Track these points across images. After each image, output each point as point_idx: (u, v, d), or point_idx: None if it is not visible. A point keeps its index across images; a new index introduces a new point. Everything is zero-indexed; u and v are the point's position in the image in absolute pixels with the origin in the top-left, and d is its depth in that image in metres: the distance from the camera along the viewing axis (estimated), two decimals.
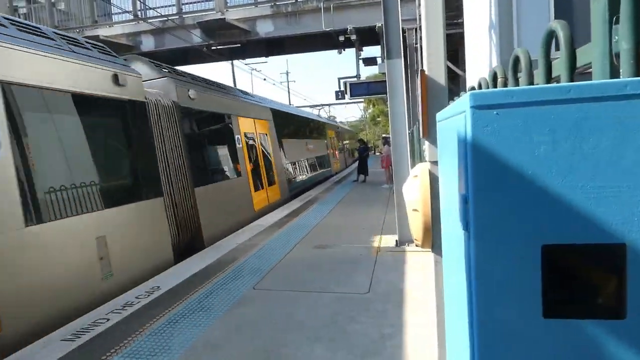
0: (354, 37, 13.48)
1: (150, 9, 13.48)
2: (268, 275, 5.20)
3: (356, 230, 7.60)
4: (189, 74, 9.05)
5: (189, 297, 4.59)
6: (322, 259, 5.83)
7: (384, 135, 28.44)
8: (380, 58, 14.96)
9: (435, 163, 2.18)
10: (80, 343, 3.65)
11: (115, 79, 5.63)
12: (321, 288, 4.66)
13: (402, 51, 6.45)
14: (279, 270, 5.39)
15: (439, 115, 1.26)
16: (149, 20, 13.74)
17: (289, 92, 45.30)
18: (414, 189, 2.25)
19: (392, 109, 6.22)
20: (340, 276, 5.03)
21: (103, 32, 14.41)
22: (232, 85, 22.66)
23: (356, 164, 18.54)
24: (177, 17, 13.72)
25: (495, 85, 1.78)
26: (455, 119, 0.89)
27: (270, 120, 12.51)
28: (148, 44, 14.42)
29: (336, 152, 25.35)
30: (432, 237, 2.23)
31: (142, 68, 7.12)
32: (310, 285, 4.76)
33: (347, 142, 34.69)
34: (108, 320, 4.11)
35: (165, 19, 13.28)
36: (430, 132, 2.24)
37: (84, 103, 5.10)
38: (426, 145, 2.33)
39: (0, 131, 4.02)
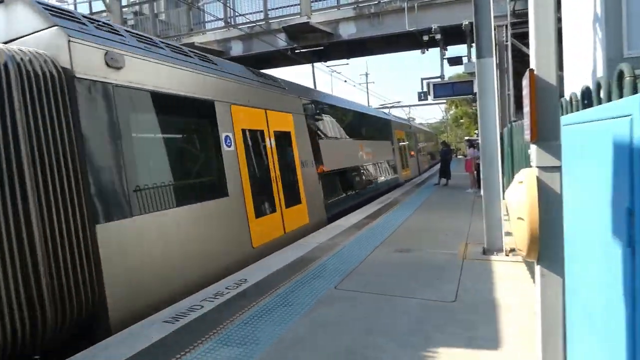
0: (438, 36, 13.08)
1: (240, 15, 14.22)
2: (349, 277, 5.22)
3: (439, 235, 7.36)
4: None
5: (274, 292, 4.76)
6: (403, 263, 5.73)
7: (467, 137, 26.73)
8: (466, 57, 14.35)
9: (545, 169, 2.03)
10: (179, 325, 3.95)
11: None
12: (404, 293, 4.58)
13: (493, 49, 6.13)
14: (359, 272, 5.39)
15: (570, 118, 1.16)
16: (238, 27, 14.51)
17: (367, 93, 45.20)
18: (519, 196, 2.11)
19: (482, 110, 5.93)
20: (423, 282, 4.91)
21: (197, 39, 15.49)
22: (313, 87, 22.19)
23: (434, 169, 17.09)
24: (263, 22, 14.33)
25: (621, 85, 1.61)
26: (607, 123, 0.80)
27: (299, 114, 9.36)
28: (237, 49, 15.24)
29: (407, 157, 21.29)
30: (539, 248, 2.09)
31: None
32: (392, 290, 4.70)
33: (424, 144, 30.98)
34: (202, 307, 4.40)
35: (253, 24, 13.93)
36: (540, 135, 2.09)
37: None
38: (533, 149, 2.18)
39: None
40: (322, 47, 13.79)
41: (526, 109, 2.26)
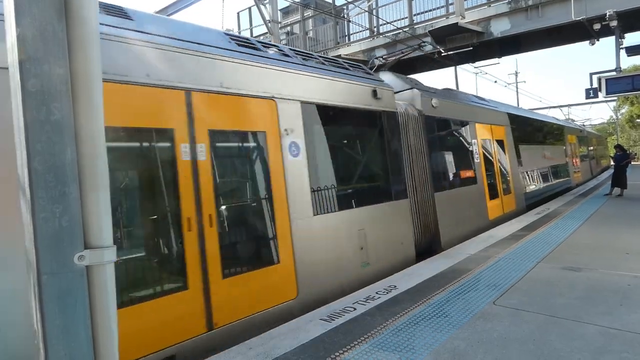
0: (614, 23, 11.26)
1: (386, 22, 14.41)
2: (508, 292, 4.84)
3: (616, 254, 6.32)
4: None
5: (427, 301, 4.68)
6: (574, 283, 5.07)
7: None
8: None
9: None
10: (335, 325, 4.16)
11: (374, 93, 6.64)
12: (577, 317, 4.05)
13: None
14: (520, 289, 4.95)
15: None
16: (383, 35, 14.72)
17: (517, 93, 41.39)
18: None
19: None
20: (601, 307, 4.27)
21: (343, 51, 16.18)
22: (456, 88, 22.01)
23: (604, 175, 15.79)
24: (408, 28, 14.27)
25: None
26: None
27: (507, 126, 12.28)
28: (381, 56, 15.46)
29: (578, 161, 21.93)
30: None
31: (390, 79, 8.28)
32: (562, 312, 4.20)
33: (593, 148, 29.17)
34: (355, 309, 4.56)
35: (398, 31, 13.97)
36: None
37: (352, 115, 6.30)
38: None
39: (300, 139, 5.29)
40: (471, 48, 13.09)
41: None
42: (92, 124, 1.34)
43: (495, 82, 27.12)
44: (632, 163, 15.84)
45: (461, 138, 9.45)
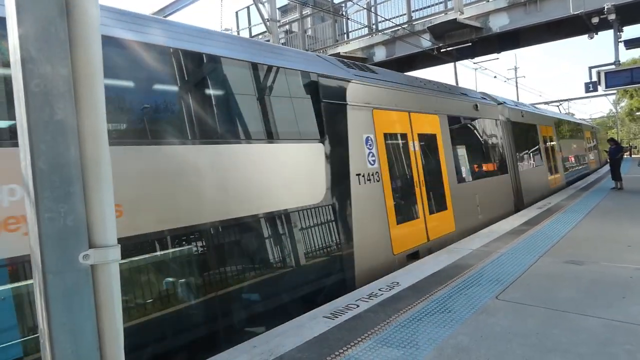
0: (612, 16, 11.26)
1: (384, 19, 14.39)
2: (511, 287, 4.84)
3: (618, 246, 6.33)
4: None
5: (430, 297, 4.68)
6: (576, 276, 5.08)
7: None
8: None
9: None
10: (339, 322, 4.16)
11: (489, 108, 11.14)
12: (580, 310, 4.06)
13: None
14: (523, 283, 4.96)
15: None
16: (382, 32, 14.71)
17: (517, 88, 41.39)
18: None
19: None
20: (604, 299, 4.28)
21: (342, 49, 16.17)
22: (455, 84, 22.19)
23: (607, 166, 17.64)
24: (407, 24, 14.25)
25: None
26: None
27: (553, 126, 16.90)
28: (380, 54, 15.45)
29: (592, 150, 27.62)
30: None
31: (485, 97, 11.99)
32: (565, 305, 4.21)
33: (600, 140, 33.77)
34: (358, 306, 4.57)
35: (397, 28, 13.96)
36: None
37: (479, 123, 10.44)
38: None
39: (447, 136, 8.79)
40: (470, 44, 13.07)
41: None
42: (94, 124, 1.34)
43: (495, 77, 27.12)
44: (629, 156, 16.14)
45: (530, 135, 13.71)
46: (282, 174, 4.96)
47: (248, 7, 19.57)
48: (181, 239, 3.97)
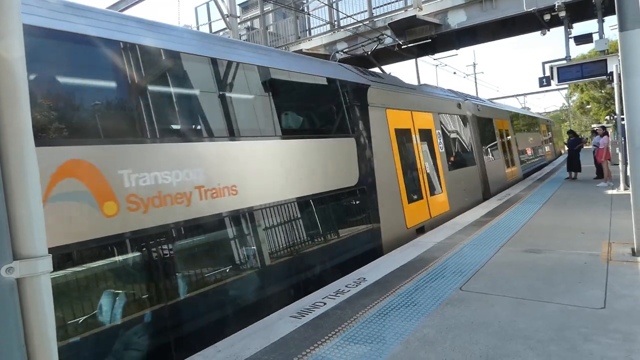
0: (562, 13, 11.73)
1: (346, 16, 14.40)
2: (474, 278, 4.94)
3: (573, 234, 6.60)
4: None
5: (396, 291, 4.70)
6: (534, 264, 5.24)
7: (594, 125, 27.57)
8: (597, 34, 12.68)
9: None
10: (305, 321, 4.10)
11: (459, 105, 11.90)
12: (539, 297, 4.18)
13: None
14: (485, 273, 5.07)
15: None
16: (344, 29, 14.71)
17: (476, 84, 42.71)
18: None
19: (629, 91, 5.15)
20: (561, 286, 4.43)
21: (304, 45, 16.08)
22: (417, 82, 22.73)
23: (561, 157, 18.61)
24: (368, 21, 14.32)
25: None
26: None
27: (509, 120, 17.70)
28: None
29: (548, 142, 29.13)
30: None
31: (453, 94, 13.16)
32: (524, 293, 4.32)
33: (554, 132, 35.10)
34: (325, 304, 4.52)
35: (358, 24, 14.00)
36: None
37: (456, 119, 11.66)
38: None
39: (439, 132, 10.26)
40: (430, 40, 13.29)
41: None
42: (17, 122, 1.20)
43: (455, 73, 27.78)
44: (583, 147, 16.90)
45: (489, 129, 14.38)
46: (333, 162, 6.40)
47: (207, 3, 19.12)
48: (289, 208, 5.56)
